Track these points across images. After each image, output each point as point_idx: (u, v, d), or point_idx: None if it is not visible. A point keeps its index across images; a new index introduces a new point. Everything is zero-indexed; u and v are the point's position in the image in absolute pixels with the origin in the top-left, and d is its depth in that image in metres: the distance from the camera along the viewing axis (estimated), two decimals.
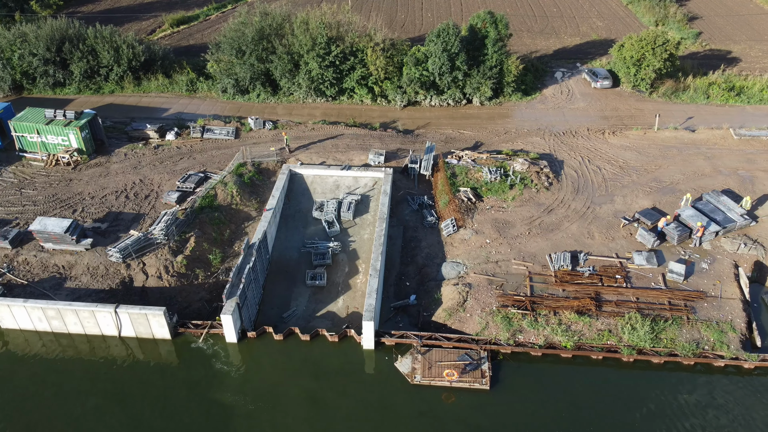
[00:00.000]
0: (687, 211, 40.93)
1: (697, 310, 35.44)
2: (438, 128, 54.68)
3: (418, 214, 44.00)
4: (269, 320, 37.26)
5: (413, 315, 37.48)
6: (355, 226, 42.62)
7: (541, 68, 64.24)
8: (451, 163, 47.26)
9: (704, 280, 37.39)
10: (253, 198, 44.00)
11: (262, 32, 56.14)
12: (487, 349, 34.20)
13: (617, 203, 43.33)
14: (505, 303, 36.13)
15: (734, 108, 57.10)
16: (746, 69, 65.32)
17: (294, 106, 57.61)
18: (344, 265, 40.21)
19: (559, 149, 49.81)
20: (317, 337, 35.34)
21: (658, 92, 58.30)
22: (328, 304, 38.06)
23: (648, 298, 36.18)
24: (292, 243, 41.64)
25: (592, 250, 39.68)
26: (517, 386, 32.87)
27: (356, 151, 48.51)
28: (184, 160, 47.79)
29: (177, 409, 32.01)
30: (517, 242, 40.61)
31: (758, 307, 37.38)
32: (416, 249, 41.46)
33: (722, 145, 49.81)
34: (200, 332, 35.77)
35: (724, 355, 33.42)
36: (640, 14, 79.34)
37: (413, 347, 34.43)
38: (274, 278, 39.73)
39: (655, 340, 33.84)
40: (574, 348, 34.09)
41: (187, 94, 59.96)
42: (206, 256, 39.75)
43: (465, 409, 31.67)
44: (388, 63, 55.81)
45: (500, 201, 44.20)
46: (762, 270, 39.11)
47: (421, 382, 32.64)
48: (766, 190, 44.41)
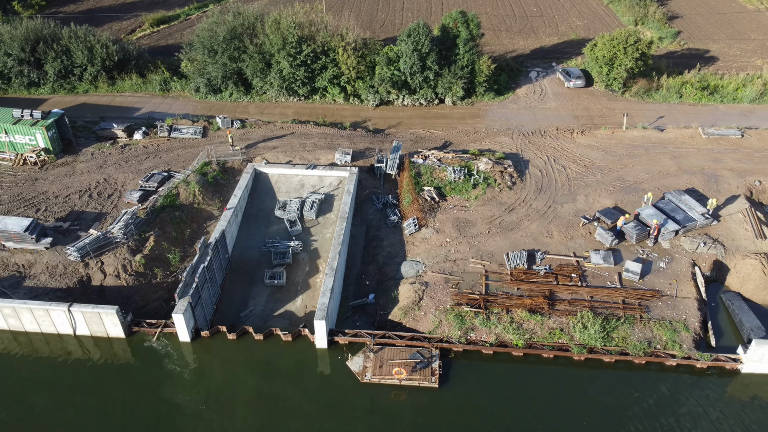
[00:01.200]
0: (647, 210, 40.91)
1: (651, 309, 35.41)
2: (409, 128, 54.68)
3: (382, 213, 44.02)
4: (227, 319, 37.26)
5: (371, 314, 37.48)
6: (317, 225, 42.62)
7: (516, 68, 64.22)
8: (416, 162, 47.26)
9: (661, 279, 37.35)
10: (216, 197, 44.02)
11: (233, 32, 56.18)
12: (438, 347, 34.20)
13: (579, 202, 43.31)
14: (459, 301, 36.13)
15: (707, 107, 57.07)
16: (723, 68, 65.31)
17: (266, 105, 57.64)
18: (305, 264, 40.21)
19: (526, 149, 49.79)
20: (271, 337, 35.33)
21: (630, 91, 58.29)
22: (286, 304, 38.06)
23: (602, 296, 36.16)
24: (254, 242, 41.64)
25: (550, 249, 39.65)
26: (467, 384, 32.86)
27: (324, 151, 48.52)
28: (150, 159, 47.81)
29: (126, 408, 31.99)
30: (476, 241, 40.60)
31: (716, 307, 37.34)
32: (378, 248, 41.47)
33: (690, 145, 49.77)
34: (154, 331, 35.80)
35: (676, 354, 33.39)
36: (620, 13, 79.32)
37: (366, 346, 34.44)
38: (233, 278, 39.73)
39: (607, 339, 33.82)
40: (525, 346, 34.07)
41: (161, 94, 60.01)
42: (165, 255, 39.76)
43: (413, 407, 31.68)
44: (359, 62, 55.83)
45: (463, 200, 44.18)
46: (721, 269, 39.07)
47: (371, 380, 32.64)
48: (731, 189, 44.39)
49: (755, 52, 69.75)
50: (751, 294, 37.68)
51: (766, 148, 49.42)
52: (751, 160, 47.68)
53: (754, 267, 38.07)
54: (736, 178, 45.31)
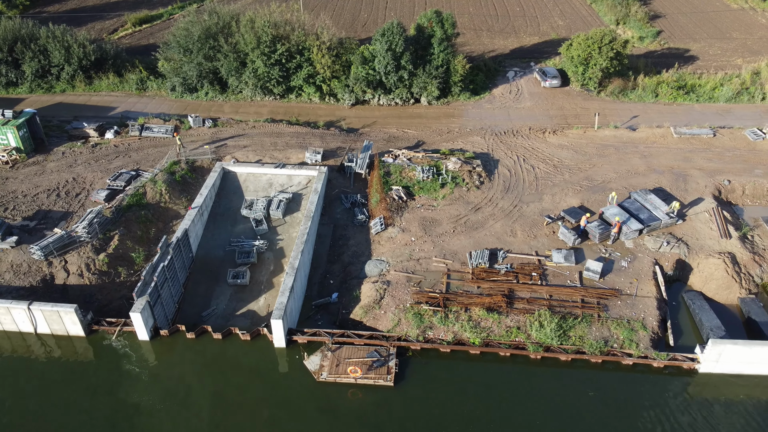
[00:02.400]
0: (611, 210, 40.90)
1: (609, 308, 35.39)
2: (383, 127, 54.70)
3: (350, 212, 44.04)
4: (189, 318, 37.25)
5: (333, 313, 37.48)
6: (284, 224, 42.63)
7: (494, 68, 64.23)
8: (386, 161, 47.26)
9: (622, 279, 37.34)
10: (183, 196, 44.04)
11: (208, 31, 56.24)
12: (396, 345, 34.21)
13: (545, 202, 43.30)
14: (419, 300, 36.13)
15: (682, 106, 57.05)
16: (703, 67, 65.31)
17: (241, 104, 57.70)
18: (269, 263, 40.22)
19: (497, 148, 49.79)
20: (230, 336, 35.35)
21: (606, 91, 58.29)
22: (249, 303, 38.06)
23: (561, 295, 36.15)
24: (219, 241, 41.67)
25: (513, 248, 39.64)
26: (423, 383, 32.84)
27: (295, 150, 48.56)
28: (120, 158, 47.87)
29: (83, 407, 32.02)
30: (440, 240, 40.60)
31: (677, 306, 37.32)
32: (344, 247, 41.49)
33: (661, 144, 49.75)
34: (114, 330, 35.83)
35: (632, 353, 33.35)
36: (602, 13, 79.32)
37: (324, 345, 34.45)
38: (197, 277, 39.74)
39: (563, 338, 33.80)
40: (482, 345, 34.06)
41: (137, 93, 60.10)
42: (129, 254, 39.79)
43: (367, 406, 31.68)
44: (334, 62, 55.88)
45: (431, 199, 44.19)
46: (684, 268, 39.05)
47: (326, 379, 32.65)
48: (699, 188, 44.38)
49: (736, 52, 69.72)
50: (713, 293, 37.67)
51: (738, 147, 49.40)
52: (722, 160, 47.65)
53: (717, 266, 38.04)
54: (705, 177, 45.28)
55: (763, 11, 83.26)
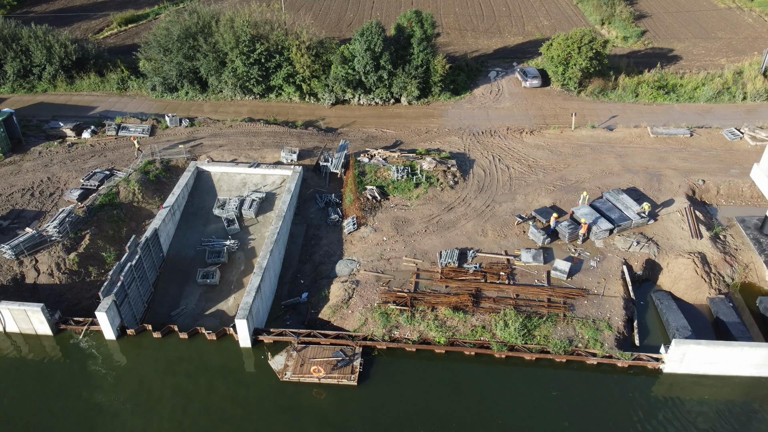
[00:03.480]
0: (582, 209, 40.90)
1: (575, 308, 35.38)
2: (362, 127, 54.70)
3: (323, 212, 44.04)
4: (159, 318, 37.24)
5: (302, 312, 37.48)
6: (257, 224, 42.63)
7: (476, 68, 64.20)
8: (362, 161, 47.28)
9: (590, 278, 37.33)
10: (156, 195, 44.05)
11: (188, 31, 56.28)
12: (362, 345, 34.22)
13: (518, 202, 43.29)
14: (387, 299, 36.14)
15: (662, 106, 57.02)
16: (686, 67, 65.29)
17: (221, 104, 57.73)
18: (240, 263, 40.22)
19: (474, 148, 49.79)
20: (196, 336, 35.36)
21: (586, 91, 58.24)
22: (218, 303, 38.05)
23: (528, 295, 36.15)
24: (191, 241, 41.67)
25: (483, 248, 39.64)
26: (387, 382, 32.84)
27: (271, 149, 48.57)
28: (96, 157, 47.89)
29: (47, 406, 31.99)
30: (412, 240, 40.62)
31: (645, 306, 37.30)
32: (316, 247, 41.49)
33: (637, 144, 49.73)
34: (81, 329, 35.85)
35: (596, 353, 33.34)
36: (588, 13, 79.32)
37: (290, 345, 34.46)
38: (167, 276, 39.74)
39: (528, 337, 33.80)
40: (448, 344, 34.06)
41: (118, 93, 60.14)
42: (100, 253, 39.79)
43: (329, 405, 31.67)
44: (314, 61, 55.90)
45: (405, 199, 44.21)
46: (654, 268, 39.03)
47: (290, 378, 32.66)
48: (672, 188, 44.36)
49: (720, 51, 69.69)
50: (682, 293, 37.65)
51: (715, 147, 49.39)
52: (698, 159, 47.64)
53: (686, 266, 38.02)
54: (679, 177, 45.27)
55: (751, 11, 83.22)
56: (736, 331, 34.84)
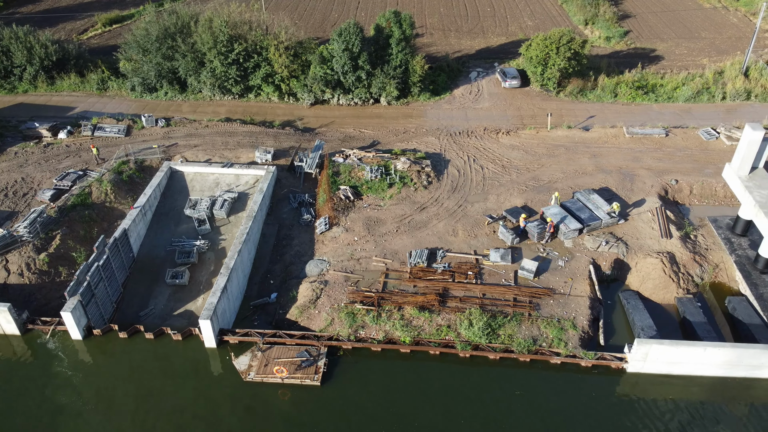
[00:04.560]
0: (552, 209, 40.95)
1: (541, 307, 35.42)
2: (341, 127, 54.74)
3: (296, 212, 44.07)
4: (128, 318, 37.25)
5: (271, 313, 37.52)
6: (228, 224, 42.64)
7: (457, 68, 64.22)
8: (337, 161, 47.31)
9: (557, 278, 37.37)
10: (129, 196, 44.07)
11: (167, 31, 56.34)
12: (327, 345, 34.24)
13: (490, 202, 43.34)
14: (354, 299, 36.17)
15: (640, 106, 57.08)
16: (668, 67, 65.34)
17: (200, 104, 57.77)
18: (210, 263, 40.22)
19: (450, 149, 49.83)
20: (162, 336, 35.38)
21: (565, 91, 58.27)
22: (187, 303, 38.05)
23: (494, 294, 36.20)
24: (162, 241, 41.68)
25: (453, 247, 39.68)
26: (351, 382, 32.87)
27: (246, 149, 48.61)
28: (71, 158, 47.91)
29: (8, 406, 32.01)
30: (383, 240, 40.65)
31: (613, 305, 37.32)
32: (287, 247, 41.51)
33: (612, 144, 49.78)
34: (48, 329, 35.87)
35: (560, 352, 33.37)
36: (572, 13, 79.37)
37: (255, 345, 34.48)
38: (137, 276, 39.73)
39: (493, 336, 33.84)
40: (413, 343, 34.09)
41: (98, 93, 60.18)
42: (70, 254, 39.82)
43: (292, 405, 31.70)
44: (292, 61, 55.95)
45: (378, 199, 44.26)
46: (622, 268, 39.07)
47: (253, 379, 32.69)
48: (645, 188, 44.42)
49: (702, 51, 69.78)
50: (650, 293, 37.69)
51: (689, 147, 49.45)
52: (672, 159, 47.69)
53: (654, 266, 38.07)
54: (652, 177, 45.33)
55: (736, 10, 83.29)
56: (702, 331, 34.89)
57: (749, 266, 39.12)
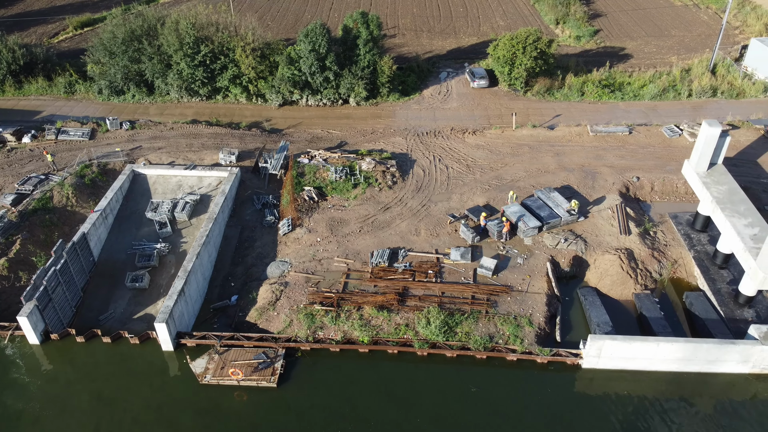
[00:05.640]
0: (512, 208, 41.21)
1: (498, 305, 35.64)
2: (308, 128, 54.72)
3: (260, 213, 44.02)
4: (88, 322, 37.05)
5: (231, 315, 37.45)
6: (190, 226, 42.52)
7: (427, 68, 64.40)
8: (302, 162, 47.32)
9: (515, 275, 37.62)
10: (91, 199, 43.82)
11: (132, 33, 56.08)
12: (285, 347, 34.25)
13: (453, 201, 43.54)
14: (314, 300, 36.20)
15: (606, 105, 57.53)
16: (636, 65, 65.86)
17: (167, 106, 57.52)
18: (171, 266, 40.07)
19: (417, 149, 49.98)
20: (120, 340, 35.22)
21: (532, 91, 58.61)
22: (147, 307, 37.90)
23: (453, 292, 36.37)
24: (123, 245, 41.47)
25: (415, 247, 39.83)
26: (308, 383, 32.90)
27: (210, 151, 48.49)
28: (34, 162, 47.54)
29: None
30: (345, 240, 40.72)
31: (572, 302, 37.62)
32: (249, 249, 41.47)
33: (576, 142, 50.15)
34: (5, 333, 35.60)
35: (516, 349, 33.59)
36: (543, 13, 79.82)
37: (212, 348, 34.42)
38: (98, 280, 39.52)
39: (450, 334, 34.00)
40: (371, 343, 34.17)
41: (65, 96, 59.75)
42: (31, 258, 39.55)
43: (248, 407, 31.69)
44: (259, 62, 55.87)
45: (343, 200, 44.32)
46: (581, 265, 39.39)
47: (210, 381, 32.62)
48: (606, 185, 44.80)
49: (671, 49, 70.39)
50: (608, 289, 38.02)
51: (652, 144, 49.93)
52: (634, 157, 48.13)
53: (612, 262, 38.42)
54: (614, 174, 45.72)
55: (707, 8, 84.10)
56: (657, 326, 35.26)
57: (708, 261, 39.61)
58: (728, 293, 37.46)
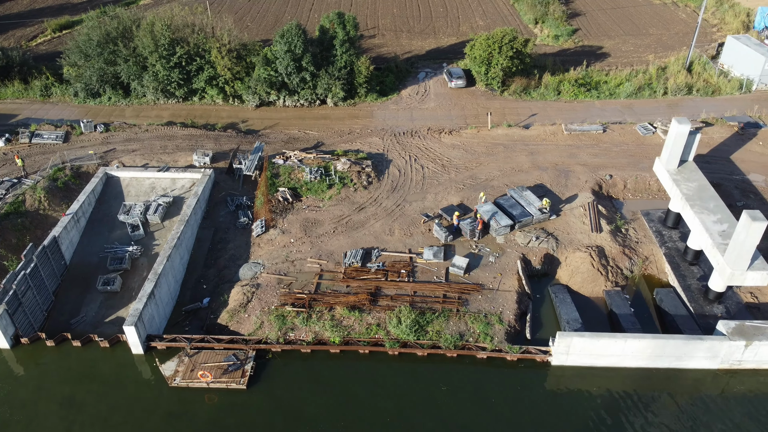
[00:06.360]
0: (485, 207, 41.39)
1: (469, 303, 35.79)
2: (285, 128, 54.70)
3: (234, 215, 43.94)
4: (59, 326, 36.82)
5: (203, 318, 37.36)
6: (163, 229, 42.36)
7: (406, 69, 64.54)
8: (277, 163, 47.29)
9: (487, 273, 37.79)
10: (64, 203, 43.57)
11: (108, 36, 55.85)
12: (255, 348, 34.22)
13: (428, 201, 43.67)
14: (285, 302, 36.20)
15: (583, 103, 57.88)
16: (613, 64, 66.29)
17: (143, 108, 57.29)
18: (143, 269, 39.86)
19: (393, 149, 50.08)
20: (90, 343, 35.06)
21: (509, 90, 58.85)
22: (119, 310, 37.69)
23: (425, 291, 36.49)
24: (95, 248, 41.25)
25: (389, 247, 39.91)
26: (279, 384, 32.89)
27: (185, 152, 48.34)
28: (7, 166, 47.15)
29: None
30: (319, 241, 40.74)
31: (542, 299, 37.83)
32: (222, 251, 41.38)
33: (551, 141, 50.43)
34: None
35: (486, 347, 33.74)
36: (522, 12, 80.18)
37: (183, 350, 34.34)
38: (69, 284, 39.28)
39: (421, 333, 34.11)
40: (342, 343, 34.21)
41: (41, 100, 59.39)
42: (2, 262, 39.28)
43: (217, 409, 31.62)
44: (235, 64, 55.78)
45: (318, 200, 44.35)
46: (553, 262, 39.63)
47: (179, 384, 32.54)
48: (579, 183, 45.07)
49: (649, 48, 70.91)
50: (579, 286, 38.27)
51: (626, 143, 50.29)
52: (608, 155, 48.46)
53: (582, 260, 38.67)
54: (587, 172, 46.02)
55: (686, 6, 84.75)
56: (626, 323, 35.53)
57: (678, 258, 39.97)
58: (698, 289, 37.82)
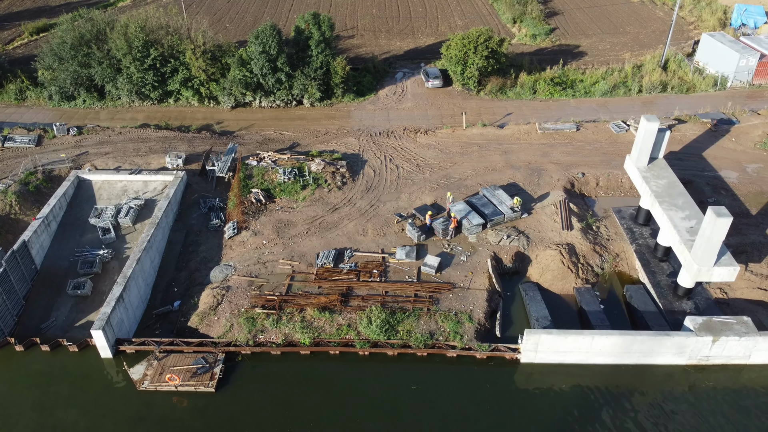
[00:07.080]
0: (458, 206, 41.53)
1: (440, 302, 35.90)
2: (261, 129, 54.57)
3: (206, 217, 43.78)
4: (29, 331, 36.50)
5: (174, 321, 37.21)
6: (134, 232, 42.12)
7: (383, 69, 64.59)
8: (250, 164, 47.18)
9: (458, 272, 37.93)
10: (36, 206, 43.24)
11: (82, 38, 55.51)
12: (225, 351, 34.13)
13: (402, 200, 43.75)
14: (255, 304, 36.14)
15: (558, 102, 58.19)
16: (590, 62, 66.66)
17: (118, 111, 56.98)
18: (114, 273, 39.60)
19: (368, 149, 50.11)
20: (59, 348, 34.83)
21: (485, 90, 59.05)
22: (89, 314, 37.40)
23: (397, 291, 36.58)
24: (66, 252, 40.94)
25: (362, 247, 39.96)
26: (247, 387, 32.84)
27: (157, 155, 48.13)
28: None
29: None
30: (292, 242, 40.70)
31: (512, 297, 38.01)
32: (193, 254, 41.20)
33: (525, 140, 50.67)
34: None
35: (456, 345, 33.86)
36: (501, 12, 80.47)
37: (152, 354, 34.19)
38: (40, 288, 38.96)
39: (392, 333, 34.18)
40: (313, 344, 34.21)
41: (16, 103, 58.88)
42: None
43: (186, 412, 31.53)
44: (210, 65, 55.61)
45: (291, 201, 44.32)
46: (524, 260, 39.83)
47: (147, 387, 32.41)
48: (551, 182, 45.33)
49: (626, 46, 71.41)
50: (549, 284, 38.50)
51: (599, 140, 50.63)
52: (581, 153, 48.77)
53: (553, 258, 38.90)
54: (560, 171, 46.29)
55: (663, 4, 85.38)
56: (595, 319, 35.79)
57: (649, 255, 40.31)
58: (667, 286, 38.17)
